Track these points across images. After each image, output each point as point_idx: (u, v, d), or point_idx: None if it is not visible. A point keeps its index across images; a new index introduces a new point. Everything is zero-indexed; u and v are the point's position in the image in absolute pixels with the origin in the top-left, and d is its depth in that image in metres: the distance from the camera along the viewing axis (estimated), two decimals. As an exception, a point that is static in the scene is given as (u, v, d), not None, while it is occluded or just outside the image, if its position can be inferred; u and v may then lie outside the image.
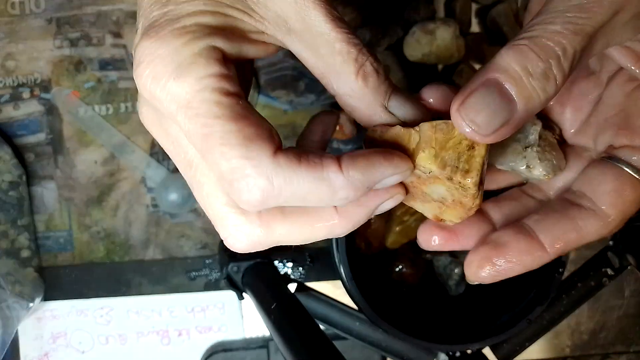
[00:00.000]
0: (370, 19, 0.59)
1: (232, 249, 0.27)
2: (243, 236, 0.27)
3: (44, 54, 0.62)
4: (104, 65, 0.62)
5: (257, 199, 0.24)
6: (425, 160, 0.26)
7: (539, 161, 0.31)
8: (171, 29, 0.24)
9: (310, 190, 0.24)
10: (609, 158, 0.30)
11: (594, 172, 0.30)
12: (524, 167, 0.31)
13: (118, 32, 0.61)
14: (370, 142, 0.28)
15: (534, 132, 0.31)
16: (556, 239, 0.29)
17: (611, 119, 0.31)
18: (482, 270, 0.30)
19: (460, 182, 0.26)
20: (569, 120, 0.33)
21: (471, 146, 0.26)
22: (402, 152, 0.27)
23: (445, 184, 0.27)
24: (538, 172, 0.31)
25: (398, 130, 0.27)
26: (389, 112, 0.27)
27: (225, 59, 0.25)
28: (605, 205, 0.29)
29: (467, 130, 0.25)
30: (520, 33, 0.26)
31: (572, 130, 0.33)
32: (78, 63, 0.62)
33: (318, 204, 0.25)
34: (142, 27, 0.25)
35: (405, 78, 0.59)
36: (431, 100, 0.29)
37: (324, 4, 0.26)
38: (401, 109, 0.27)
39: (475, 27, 0.62)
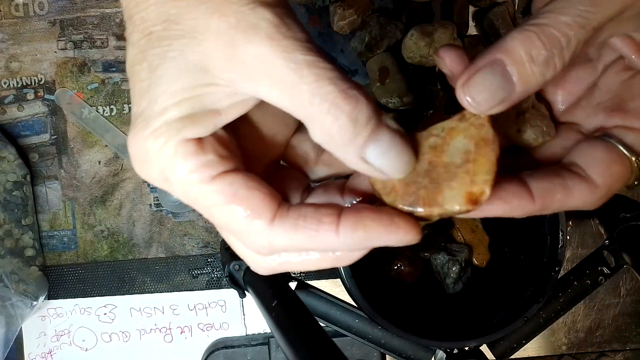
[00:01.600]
0: (369, 21, 0.59)
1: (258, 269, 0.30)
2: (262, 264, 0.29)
3: (47, 56, 0.62)
4: (108, 67, 0.62)
5: (263, 253, 0.27)
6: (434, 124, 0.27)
7: (529, 126, 0.32)
8: (146, 134, 0.25)
9: (310, 247, 0.26)
10: (602, 136, 0.31)
11: (586, 145, 0.31)
12: (515, 130, 0.32)
13: (121, 34, 0.62)
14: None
15: (527, 101, 0.32)
16: (545, 191, 0.29)
17: (604, 103, 0.32)
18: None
19: (472, 115, 0.28)
20: (559, 100, 0.34)
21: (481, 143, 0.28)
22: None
23: (460, 129, 0.28)
24: (527, 135, 0.32)
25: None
26: (366, 162, 0.26)
27: (203, 143, 0.26)
28: (594, 174, 0.29)
29: (467, 104, 0.27)
30: (532, 17, 0.27)
31: (562, 109, 0.34)
32: (82, 65, 0.62)
33: (318, 255, 0.27)
34: (132, 118, 0.27)
35: (404, 80, 0.59)
36: (447, 60, 0.30)
37: (286, 40, 0.24)
38: (381, 159, 0.26)
39: (472, 30, 0.62)
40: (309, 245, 0.26)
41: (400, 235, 0.26)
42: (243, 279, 0.51)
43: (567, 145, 0.32)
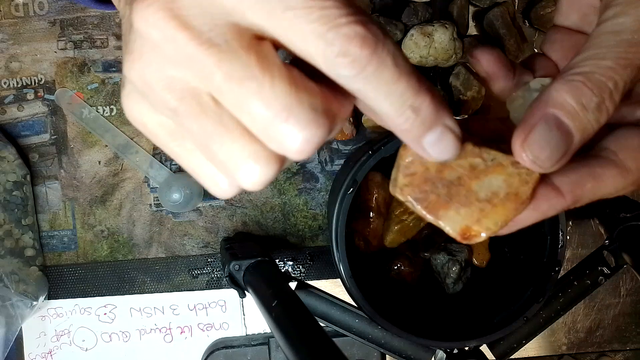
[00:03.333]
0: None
1: (303, 146, 0.24)
2: (322, 117, 0.24)
3: (47, 56, 0.62)
4: (108, 67, 0.62)
5: (371, 49, 0.22)
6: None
7: None
8: None
9: (406, 73, 0.24)
10: (637, 122, 0.31)
11: (619, 131, 0.31)
12: None
13: (121, 34, 0.62)
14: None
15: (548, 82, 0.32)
16: (573, 183, 0.28)
17: None
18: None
19: (527, 170, 0.27)
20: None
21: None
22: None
23: (507, 172, 0.27)
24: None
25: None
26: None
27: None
28: (627, 159, 0.29)
29: (530, 163, 0.27)
30: (572, 67, 0.27)
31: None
32: (82, 65, 0.62)
33: (400, 96, 0.24)
34: None
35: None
36: (483, 62, 0.29)
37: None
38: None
39: (472, 30, 0.62)
40: (407, 66, 0.23)
41: (456, 127, 0.26)
42: (243, 279, 0.51)
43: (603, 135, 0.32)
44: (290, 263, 0.64)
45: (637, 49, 0.27)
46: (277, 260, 0.63)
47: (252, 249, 0.54)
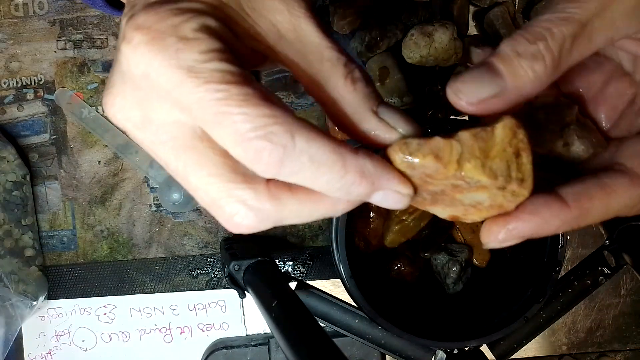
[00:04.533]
0: (369, 21, 0.59)
1: (236, 229, 0.26)
2: (251, 212, 0.25)
3: (47, 56, 0.62)
4: (108, 66, 0.62)
5: (278, 156, 0.23)
6: (472, 171, 0.26)
7: (576, 138, 0.31)
8: (170, 8, 0.24)
9: (327, 161, 0.24)
10: None
11: (628, 142, 0.30)
12: (562, 144, 0.31)
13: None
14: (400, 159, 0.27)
15: (571, 114, 0.31)
16: (579, 193, 0.27)
17: None
18: (500, 229, 0.28)
19: (514, 191, 0.26)
20: (603, 118, 0.33)
21: (517, 153, 0.26)
22: (443, 165, 0.26)
23: (491, 192, 0.27)
24: (576, 147, 0.30)
25: (437, 142, 0.26)
26: (379, 117, 0.27)
27: (223, 41, 0.25)
28: (636, 166, 0.28)
29: (455, 99, 0.27)
30: None
31: (608, 126, 0.33)
32: (82, 65, 0.62)
33: (326, 182, 0.25)
34: (139, 7, 0.24)
35: (404, 80, 0.59)
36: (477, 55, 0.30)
37: (315, 18, 0.27)
38: (391, 114, 0.27)
39: (472, 30, 0.62)
40: (327, 156, 0.24)
41: (402, 182, 0.26)
42: (243, 279, 0.51)
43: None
44: (290, 263, 0.64)
45: (576, 5, 0.27)
46: (277, 261, 0.63)
47: (252, 249, 0.54)
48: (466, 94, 0.27)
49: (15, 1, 0.61)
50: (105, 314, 0.64)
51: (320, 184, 0.25)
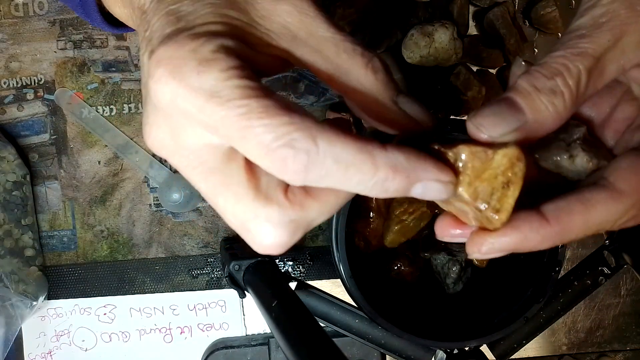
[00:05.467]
0: (369, 21, 0.59)
1: (272, 251, 0.26)
2: (280, 227, 0.26)
3: (47, 56, 0.62)
4: (108, 66, 0.62)
5: (302, 163, 0.23)
6: (458, 184, 0.27)
7: (581, 150, 0.31)
8: (187, 35, 0.25)
9: (354, 161, 0.24)
10: (634, 148, 0.31)
11: (618, 158, 0.30)
12: (567, 156, 0.31)
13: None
14: None
15: (579, 132, 0.32)
16: (559, 209, 0.27)
17: None
18: (482, 241, 0.28)
19: (487, 217, 0.27)
20: (608, 139, 0.34)
21: (506, 184, 0.27)
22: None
23: (471, 208, 0.28)
24: (580, 159, 0.31)
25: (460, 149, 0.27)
26: (399, 107, 0.28)
27: (240, 58, 0.25)
28: (617, 181, 0.28)
29: (475, 132, 0.27)
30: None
31: (612, 144, 0.34)
32: (82, 65, 0.62)
33: (357, 183, 0.25)
34: (157, 41, 0.25)
35: (404, 80, 0.59)
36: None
37: (324, 13, 0.27)
38: (411, 106, 0.28)
39: (472, 30, 0.62)
40: (355, 156, 0.24)
41: (442, 170, 0.26)
42: (243, 279, 0.51)
43: None
44: (290, 263, 0.64)
45: (588, 40, 0.28)
46: (277, 261, 0.63)
47: (252, 249, 0.54)
48: (488, 128, 0.27)
49: (15, 1, 0.61)
50: (105, 314, 0.64)
51: (352, 185, 0.25)
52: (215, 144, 0.25)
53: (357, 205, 0.55)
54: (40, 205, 0.63)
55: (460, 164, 0.27)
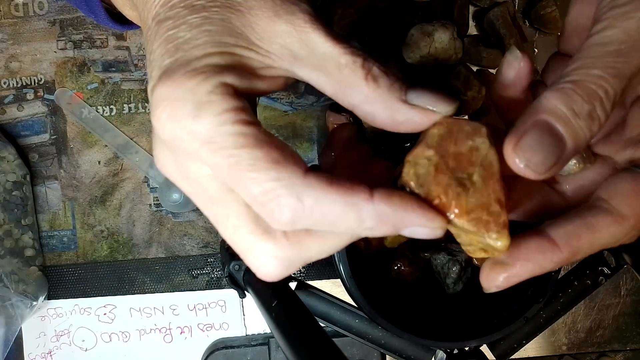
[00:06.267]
0: (369, 21, 0.59)
1: (267, 278, 0.27)
2: (274, 260, 0.27)
3: (47, 56, 0.62)
4: (108, 66, 0.62)
5: (287, 217, 0.25)
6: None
7: None
8: (184, 72, 0.25)
9: (339, 215, 0.25)
10: (630, 167, 0.31)
11: (612, 178, 0.30)
12: None
13: (121, 34, 0.62)
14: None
15: None
16: (569, 235, 0.28)
17: (635, 137, 0.32)
18: (497, 276, 0.29)
19: (489, 245, 0.27)
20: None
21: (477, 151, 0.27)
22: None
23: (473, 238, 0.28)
24: (571, 161, 0.31)
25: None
26: (411, 104, 0.27)
27: (238, 94, 0.26)
28: (620, 205, 0.28)
29: (523, 168, 0.26)
30: (562, 77, 0.27)
31: (593, 142, 0.34)
32: (82, 65, 0.62)
33: (345, 231, 0.26)
34: (157, 74, 0.26)
35: (404, 80, 0.59)
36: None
37: (322, 26, 0.27)
38: (422, 97, 0.28)
39: (472, 30, 0.62)
40: (340, 209, 0.25)
41: (429, 216, 0.26)
42: (243, 279, 0.51)
43: (598, 180, 0.32)
44: (290, 263, 0.64)
45: (624, 59, 0.27)
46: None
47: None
48: (537, 166, 0.26)
49: (15, 1, 0.61)
50: (105, 314, 0.64)
51: (340, 231, 0.26)
52: (215, 176, 0.26)
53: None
54: (40, 205, 0.63)
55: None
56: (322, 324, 0.47)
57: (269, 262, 0.27)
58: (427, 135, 0.28)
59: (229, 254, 0.53)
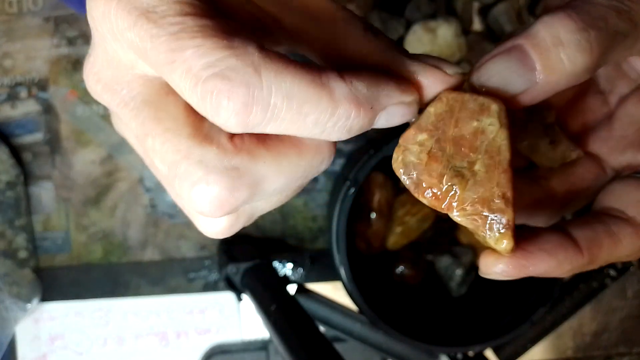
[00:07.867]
0: (371, 16, 0.59)
1: (206, 212, 0.22)
2: (215, 175, 0.21)
3: (41, 53, 0.61)
4: (102, 64, 0.61)
5: (241, 101, 0.19)
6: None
7: (565, 138, 0.29)
8: None
9: (307, 97, 0.20)
10: (634, 174, 0.29)
11: (620, 186, 0.29)
12: (547, 142, 0.29)
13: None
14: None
15: (551, 115, 0.29)
16: (591, 240, 0.26)
17: (629, 137, 0.30)
18: (497, 262, 0.25)
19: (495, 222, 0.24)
20: (570, 130, 0.32)
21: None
22: None
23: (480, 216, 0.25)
24: (564, 147, 0.29)
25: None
26: (414, 58, 0.24)
27: None
28: (636, 214, 0.27)
29: (478, 86, 0.24)
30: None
31: (581, 133, 0.32)
32: (76, 62, 0.61)
33: (314, 125, 0.21)
34: None
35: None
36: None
37: None
38: (426, 58, 0.24)
39: (477, 26, 0.62)
40: (308, 91, 0.20)
41: (402, 87, 0.22)
42: (241, 282, 0.51)
43: (588, 177, 0.30)
44: (290, 266, 0.63)
45: (634, 3, 0.23)
46: (276, 263, 0.62)
47: (250, 252, 0.54)
48: (489, 90, 0.24)
49: (8, -3, 0.61)
50: (100, 317, 0.63)
51: (307, 128, 0.20)
52: (150, 76, 0.22)
53: (358, 206, 0.55)
54: (34, 206, 0.62)
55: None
56: (322, 329, 0.47)
57: (207, 175, 0.21)
58: (422, 115, 0.24)
59: (226, 257, 0.53)
